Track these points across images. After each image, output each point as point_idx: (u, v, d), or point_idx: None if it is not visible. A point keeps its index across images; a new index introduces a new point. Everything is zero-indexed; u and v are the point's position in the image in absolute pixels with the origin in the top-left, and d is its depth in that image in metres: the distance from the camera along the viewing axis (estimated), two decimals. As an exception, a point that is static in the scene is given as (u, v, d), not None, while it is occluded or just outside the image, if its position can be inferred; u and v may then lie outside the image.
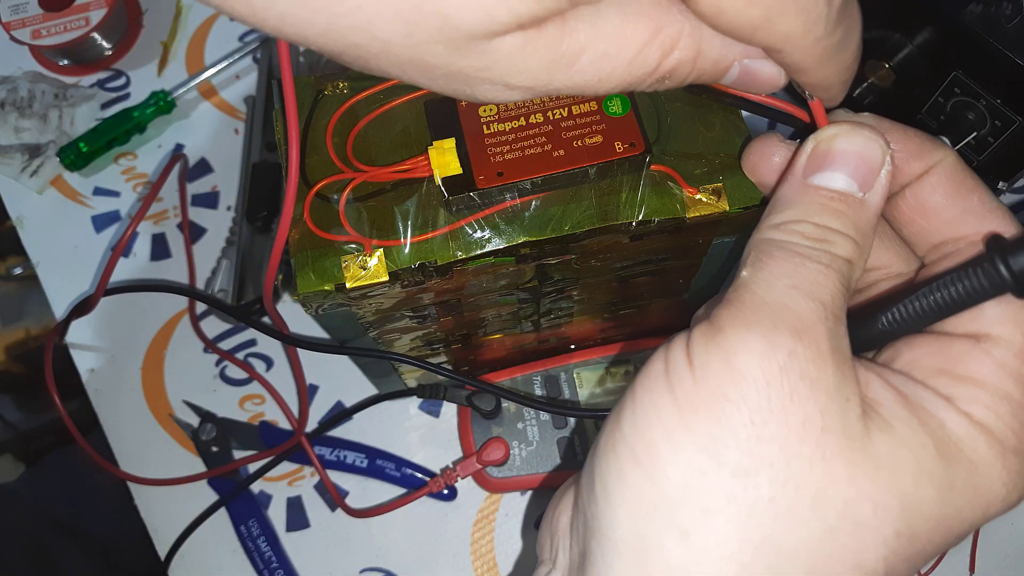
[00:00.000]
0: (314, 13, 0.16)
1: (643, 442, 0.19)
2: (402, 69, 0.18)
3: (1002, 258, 0.20)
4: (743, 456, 0.18)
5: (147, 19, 0.61)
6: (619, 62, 0.19)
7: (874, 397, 0.20)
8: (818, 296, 0.19)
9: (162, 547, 0.46)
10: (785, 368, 0.18)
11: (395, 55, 0.17)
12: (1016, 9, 0.38)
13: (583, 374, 0.42)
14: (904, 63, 0.43)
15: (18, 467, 0.90)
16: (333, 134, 0.30)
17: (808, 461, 0.18)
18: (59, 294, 0.52)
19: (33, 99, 0.56)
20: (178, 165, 0.54)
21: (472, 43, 0.17)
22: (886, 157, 0.21)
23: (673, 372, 0.19)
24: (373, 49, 0.17)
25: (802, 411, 0.18)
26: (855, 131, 0.22)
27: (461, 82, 0.18)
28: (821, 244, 0.20)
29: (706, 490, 0.18)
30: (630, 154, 0.28)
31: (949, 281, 0.20)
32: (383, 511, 0.45)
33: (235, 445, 0.48)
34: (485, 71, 0.18)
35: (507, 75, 0.18)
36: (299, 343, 0.37)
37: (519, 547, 0.45)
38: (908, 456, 0.19)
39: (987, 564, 0.43)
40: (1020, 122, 0.40)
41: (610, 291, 0.37)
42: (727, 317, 0.19)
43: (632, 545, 0.19)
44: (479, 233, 0.28)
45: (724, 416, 0.18)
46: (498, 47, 0.17)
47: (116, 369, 0.50)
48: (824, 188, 0.21)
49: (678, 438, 0.19)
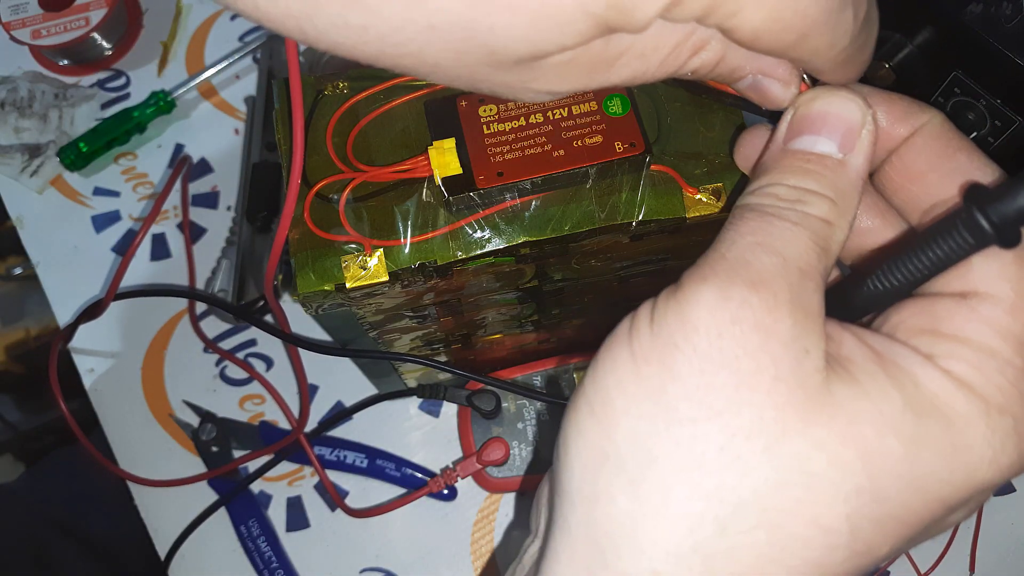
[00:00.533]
0: (366, 44, 0.17)
1: (599, 395, 0.19)
2: (450, 82, 0.19)
3: (980, 208, 0.18)
4: (692, 405, 0.18)
5: (147, 19, 0.61)
6: (653, 61, 0.19)
7: (846, 355, 0.19)
8: (781, 251, 0.19)
9: (162, 547, 0.46)
10: (736, 318, 0.18)
11: (444, 73, 0.18)
12: (1016, 9, 0.38)
13: (583, 374, 0.42)
14: (904, 63, 0.43)
15: (18, 467, 0.90)
16: (333, 134, 0.30)
17: (758, 409, 0.17)
18: (59, 294, 0.52)
19: (33, 99, 0.56)
20: (177, 163, 0.54)
21: (519, 65, 0.18)
22: (866, 117, 0.21)
23: (635, 328, 0.19)
24: (423, 70, 0.18)
25: (754, 360, 0.18)
26: (832, 92, 0.21)
27: (506, 92, 0.19)
28: (794, 204, 0.20)
29: (655, 440, 0.18)
30: (630, 154, 0.28)
31: (929, 239, 0.19)
32: (383, 511, 0.45)
33: (235, 445, 0.48)
34: (531, 82, 0.19)
35: (551, 84, 0.19)
36: (301, 343, 0.37)
37: (520, 547, 0.45)
38: (870, 407, 0.18)
39: (987, 564, 0.43)
40: (1020, 122, 0.40)
41: (610, 291, 0.37)
42: (688, 274, 0.19)
43: (585, 496, 0.19)
44: (479, 233, 0.28)
45: (675, 366, 0.18)
46: (544, 64, 0.18)
47: (116, 369, 0.50)
48: (801, 151, 0.21)
49: (630, 389, 0.19)
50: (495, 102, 0.29)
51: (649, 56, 0.19)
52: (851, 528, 0.17)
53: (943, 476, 0.18)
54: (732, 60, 0.20)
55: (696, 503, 0.18)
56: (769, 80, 0.21)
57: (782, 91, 0.22)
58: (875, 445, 0.17)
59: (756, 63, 0.21)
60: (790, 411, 0.17)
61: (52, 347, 0.44)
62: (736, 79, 0.21)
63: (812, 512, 0.17)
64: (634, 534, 0.18)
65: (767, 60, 0.21)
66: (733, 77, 0.21)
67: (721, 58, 0.20)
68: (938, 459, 0.18)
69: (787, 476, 0.17)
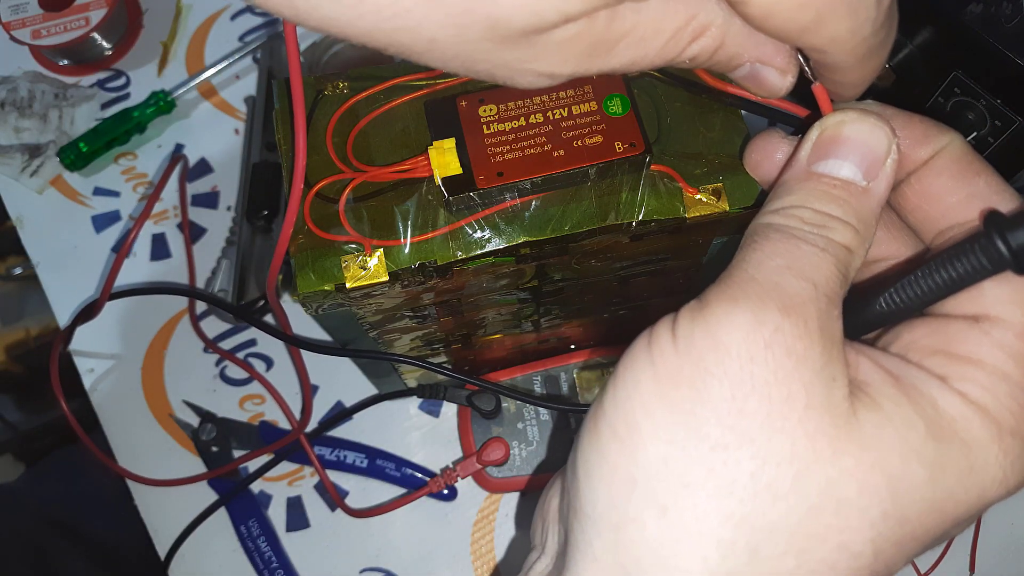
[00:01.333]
0: (360, 18, 0.17)
1: (623, 417, 0.19)
2: (447, 63, 0.18)
3: (1000, 234, 0.18)
4: (724, 431, 0.18)
5: (147, 19, 0.61)
6: (653, 46, 0.19)
7: (863, 378, 0.19)
8: (811, 277, 0.19)
9: (162, 547, 0.46)
10: (770, 344, 0.18)
11: (441, 52, 0.18)
12: (1016, 9, 0.38)
13: (583, 374, 0.42)
14: (904, 63, 0.43)
15: (18, 467, 0.90)
16: (333, 134, 0.30)
17: (790, 437, 0.18)
18: (59, 294, 0.52)
19: (33, 99, 0.56)
20: (179, 166, 0.54)
21: (521, 38, 0.17)
22: (892, 146, 0.21)
23: (656, 347, 0.19)
24: (418, 48, 0.17)
25: (786, 387, 0.18)
26: (861, 119, 0.21)
27: (505, 73, 0.19)
28: (819, 229, 0.20)
29: (685, 465, 0.18)
30: (630, 154, 0.28)
31: (945, 260, 0.19)
32: (383, 511, 0.45)
33: (235, 445, 0.48)
34: (531, 62, 0.18)
35: (552, 64, 0.18)
36: (301, 343, 0.37)
37: (519, 546, 0.45)
38: (895, 435, 0.18)
39: (987, 564, 0.43)
40: (1020, 122, 0.40)
41: (610, 291, 0.37)
42: (714, 293, 0.19)
43: (611, 522, 0.19)
44: (479, 233, 0.28)
45: (705, 390, 0.18)
46: (547, 39, 0.18)
47: (116, 369, 0.50)
48: (827, 176, 0.21)
49: (657, 412, 0.18)
50: (495, 102, 0.29)
51: (650, 40, 0.19)
52: (875, 551, 0.18)
53: (959, 497, 0.18)
54: (731, 47, 0.20)
55: (728, 529, 0.18)
56: (766, 69, 0.21)
57: (779, 79, 0.21)
58: (900, 471, 0.18)
59: (755, 51, 0.20)
60: (820, 439, 0.18)
61: (52, 349, 0.44)
62: (733, 67, 0.21)
63: (840, 538, 0.18)
64: (665, 560, 0.18)
65: (766, 48, 0.20)
66: (731, 65, 0.21)
67: (720, 45, 0.20)
68: (956, 481, 0.18)
69: (818, 503, 0.17)
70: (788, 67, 0.21)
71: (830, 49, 0.19)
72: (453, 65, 0.18)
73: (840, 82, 0.21)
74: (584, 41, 0.18)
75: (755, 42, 0.20)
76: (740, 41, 0.20)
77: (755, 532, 0.18)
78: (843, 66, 0.20)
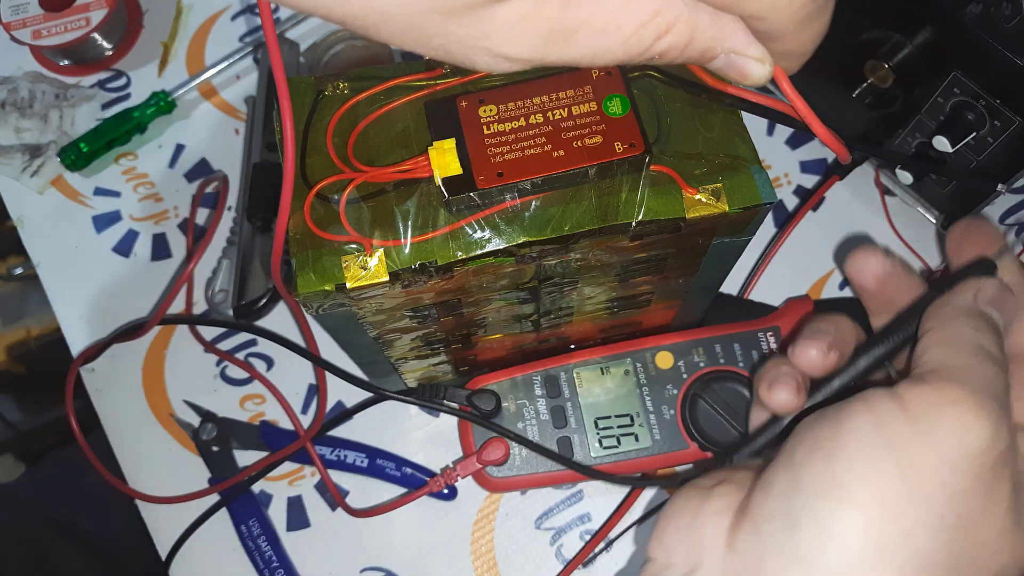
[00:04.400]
0: None
1: (857, 480, 0.22)
2: (402, 38, 0.18)
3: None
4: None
5: (147, 19, 0.61)
6: (615, 40, 0.19)
7: None
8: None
9: (163, 547, 0.46)
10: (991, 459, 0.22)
11: (393, 24, 0.18)
12: (1016, 9, 0.38)
13: (583, 374, 0.43)
14: (904, 63, 0.43)
15: (18, 467, 0.90)
16: (333, 134, 0.30)
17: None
18: (59, 294, 0.52)
19: (34, 99, 0.56)
20: (199, 183, 0.54)
21: (468, 11, 0.17)
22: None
23: (882, 412, 0.22)
24: (371, 19, 0.18)
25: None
26: (1007, 289, 0.26)
27: (460, 50, 0.19)
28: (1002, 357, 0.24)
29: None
30: (630, 154, 0.28)
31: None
32: (383, 511, 0.45)
33: (236, 445, 0.48)
34: (483, 39, 0.18)
35: (505, 45, 0.19)
36: (289, 345, 0.37)
37: (519, 547, 0.45)
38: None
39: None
40: (1020, 122, 0.40)
41: (610, 291, 0.37)
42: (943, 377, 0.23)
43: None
44: (479, 233, 0.28)
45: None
46: (496, 15, 0.18)
47: (117, 369, 0.50)
48: (993, 318, 0.26)
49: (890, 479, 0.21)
50: (495, 102, 0.29)
51: (611, 34, 0.19)
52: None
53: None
54: (701, 41, 0.20)
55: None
56: (743, 59, 0.21)
57: (760, 69, 0.22)
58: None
59: (725, 42, 0.21)
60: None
61: (69, 375, 0.44)
62: (708, 59, 0.21)
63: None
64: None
65: (738, 37, 0.21)
66: (705, 58, 0.21)
67: (689, 41, 0.20)
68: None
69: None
70: (764, 57, 0.22)
71: (769, 15, 0.19)
72: (409, 40, 0.18)
73: (782, 52, 0.21)
74: (537, 24, 0.18)
75: (724, 32, 0.20)
76: (710, 34, 0.20)
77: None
78: (783, 32, 0.20)
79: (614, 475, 0.41)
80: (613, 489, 0.46)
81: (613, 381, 0.42)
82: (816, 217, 0.52)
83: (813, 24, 0.20)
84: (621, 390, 0.42)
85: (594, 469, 0.41)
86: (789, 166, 0.53)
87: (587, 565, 0.44)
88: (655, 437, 0.41)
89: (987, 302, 0.26)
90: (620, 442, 0.41)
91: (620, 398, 0.42)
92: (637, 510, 0.46)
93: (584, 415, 0.42)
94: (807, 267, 0.51)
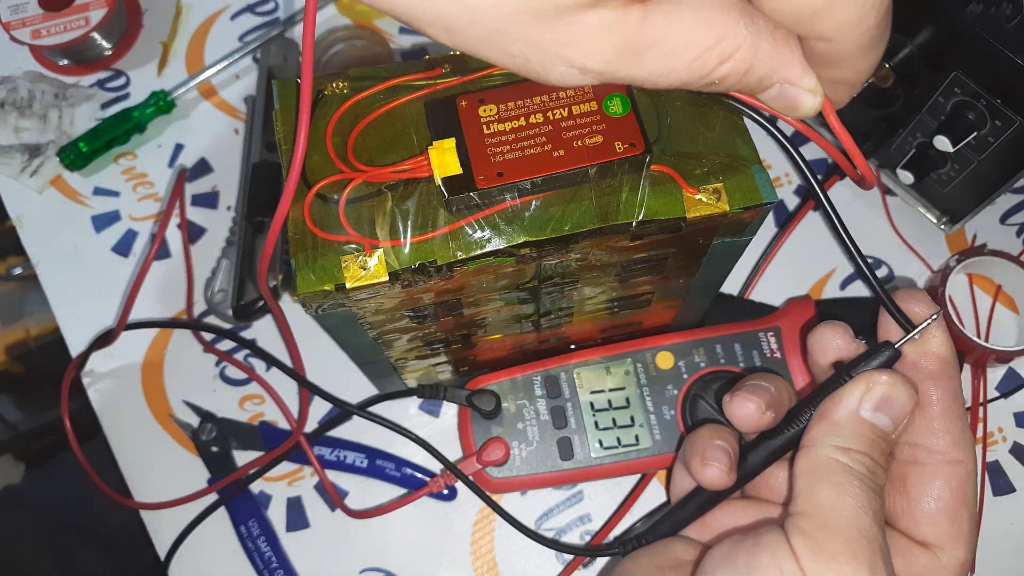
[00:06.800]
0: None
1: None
2: (485, 44, 0.19)
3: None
4: None
5: (147, 19, 0.61)
6: (681, 61, 0.20)
7: None
8: (881, 521, 0.26)
9: (162, 547, 0.46)
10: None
11: (480, 25, 0.18)
12: (1016, 9, 0.38)
13: (583, 374, 0.42)
14: (904, 63, 0.43)
15: (18, 467, 0.90)
16: (333, 134, 0.30)
17: None
18: (59, 294, 0.52)
19: (33, 99, 0.56)
20: (178, 175, 0.54)
21: (558, 14, 0.18)
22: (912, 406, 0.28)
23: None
24: (460, 20, 0.18)
25: None
26: (903, 385, 0.28)
27: (538, 59, 0.19)
28: (874, 477, 0.27)
29: None
30: (630, 154, 0.28)
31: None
32: (383, 511, 0.45)
33: (235, 445, 0.48)
34: (565, 47, 0.19)
35: (584, 55, 0.19)
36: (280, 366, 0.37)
37: (519, 547, 0.45)
38: None
39: (987, 564, 0.43)
40: (1020, 122, 0.40)
41: (610, 291, 0.37)
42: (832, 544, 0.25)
43: None
44: (479, 233, 0.28)
45: None
46: (583, 21, 0.18)
47: (116, 369, 0.50)
48: (877, 426, 0.28)
49: None
50: (495, 102, 0.29)
51: (679, 54, 0.19)
52: None
53: None
54: (760, 69, 0.20)
55: None
56: (796, 89, 0.22)
57: (811, 100, 0.22)
58: None
59: (783, 72, 0.21)
60: None
61: (64, 379, 0.44)
62: (764, 89, 0.22)
63: None
64: None
65: (794, 68, 0.21)
66: (761, 87, 0.21)
67: (749, 67, 0.20)
68: None
69: None
70: (817, 89, 0.22)
71: (837, 37, 0.20)
72: (490, 47, 0.19)
73: (837, 79, 0.22)
74: (617, 35, 0.18)
75: (783, 62, 0.21)
76: (769, 63, 0.20)
77: None
78: (845, 57, 0.21)
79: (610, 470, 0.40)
80: (613, 490, 0.46)
81: (613, 381, 0.42)
82: (817, 217, 0.52)
83: (873, 50, 0.21)
84: (621, 390, 0.42)
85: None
86: (790, 166, 0.53)
87: (587, 566, 0.44)
88: (655, 437, 0.41)
89: (873, 409, 0.27)
90: (620, 442, 0.41)
91: (620, 398, 0.42)
92: (637, 511, 0.46)
93: (584, 415, 0.42)
94: (808, 267, 0.51)
